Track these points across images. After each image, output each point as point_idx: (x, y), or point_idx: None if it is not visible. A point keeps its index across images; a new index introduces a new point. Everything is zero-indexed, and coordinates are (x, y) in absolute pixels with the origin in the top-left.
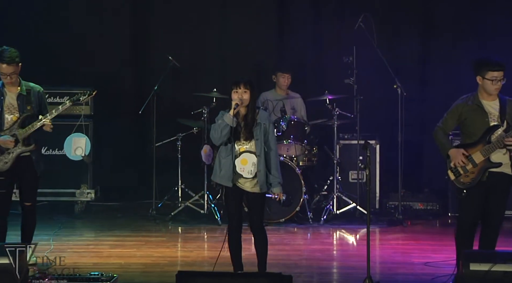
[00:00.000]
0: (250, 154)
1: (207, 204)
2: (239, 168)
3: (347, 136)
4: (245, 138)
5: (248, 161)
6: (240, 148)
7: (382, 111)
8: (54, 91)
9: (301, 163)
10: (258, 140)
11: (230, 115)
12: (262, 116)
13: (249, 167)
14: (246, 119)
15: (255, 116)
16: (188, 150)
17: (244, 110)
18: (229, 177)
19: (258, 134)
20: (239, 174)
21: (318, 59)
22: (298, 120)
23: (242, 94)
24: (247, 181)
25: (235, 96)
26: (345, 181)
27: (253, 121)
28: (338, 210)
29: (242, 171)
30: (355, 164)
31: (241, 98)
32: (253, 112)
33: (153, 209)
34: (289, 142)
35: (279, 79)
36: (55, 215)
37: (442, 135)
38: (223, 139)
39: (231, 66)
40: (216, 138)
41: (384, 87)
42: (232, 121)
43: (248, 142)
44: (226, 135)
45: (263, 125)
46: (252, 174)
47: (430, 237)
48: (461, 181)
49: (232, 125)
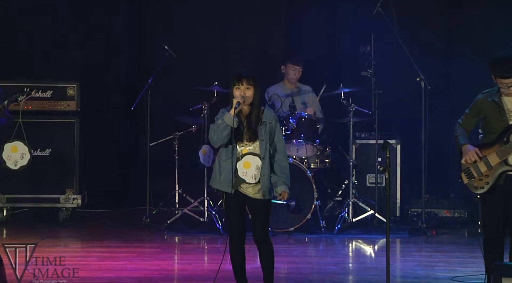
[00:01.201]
0: (253, 156)
1: (207, 211)
2: (241, 172)
3: (364, 135)
4: (248, 139)
5: (252, 164)
6: (243, 149)
7: (404, 107)
8: (37, 84)
9: (312, 166)
10: (263, 141)
11: (231, 114)
12: (267, 114)
13: (253, 171)
14: (249, 118)
15: (259, 115)
16: (186, 150)
17: (247, 108)
18: (229, 182)
19: (263, 135)
20: (241, 179)
21: (332, 49)
22: (309, 117)
23: (245, 91)
24: (250, 186)
25: (237, 92)
26: (362, 186)
27: (258, 120)
28: (354, 218)
29: (244, 176)
30: (373, 166)
31: (243, 96)
32: (257, 110)
33: (147, 216)
34: (299, 141)
35: (289, 71)
36: (36, 224)
37: (460, 131)
38: (223, 141)
39: (234, 57)
40: (215, 140)
41: (406, 80)
42: (233, 121)
43: (251, 143)
44: (226, 137)
45: (269, 124)
46: (255, 179)
47: (457, 248)
48: (474, 185)
49: (233, 126)
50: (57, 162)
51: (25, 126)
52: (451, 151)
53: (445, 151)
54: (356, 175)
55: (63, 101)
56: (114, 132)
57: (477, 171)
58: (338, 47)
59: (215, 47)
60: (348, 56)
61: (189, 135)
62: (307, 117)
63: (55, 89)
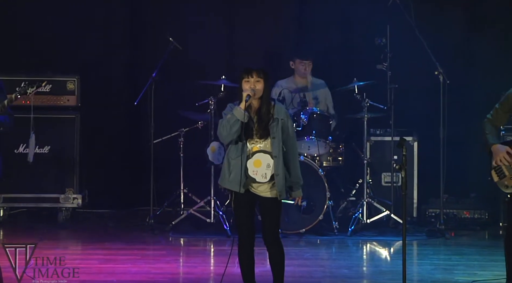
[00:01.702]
0: (264, 154)
1: (214, 211)
2: (252, 170)
3: (379, 132)
4: (259, 135)
5: (262, 162)
6: (253, 147)
7: (421, 102)
8: (35, 78)
9: (325, 164)
10: (275, 139)
11: (241, 108)
12: (279, 110)
13: (263, 170)
14: (259, 114)
15: (270, 110)
16: (191, 148)
17: (256, 103)
18: (239, 181)
19: (275, 132)
20: (251, 178)
21: (345, 41)
22: (321, 112)
23: (255, 84)
24: (260, 185)
25: (247, 86)
26: (377, 185)
27: (268, 116)
28: (369, 219)
29: (255, 175)
30: (389, 164)
31: (253, 89)
32: (267, 105)
33: (150, 217)
34: (310, 139)
35: (298, 66)
36: (35, 224)
37: (489, 128)
38: (232, 137)
39: (242, 50)
40: (224, 136)
41: (424, 73)
42: (244, 115)
43: (262, 140)
44: (236, 133)
45: (281, 120)
46: (266, 178)
47: (478, 251)
48: (505, 184)
49: (243, 120)
50: (57, 160)
51: (23, 122)
52: (471, 148)
53: (464, 148)
54: (371, 174)
55: (62, 96)
56: (116, 129)
57: (509, 169)
58: (351, 39)
59: (222, 39)
60: (363, 49)
61: (194, 132)
62: (319, 112)
63: (54, 83)
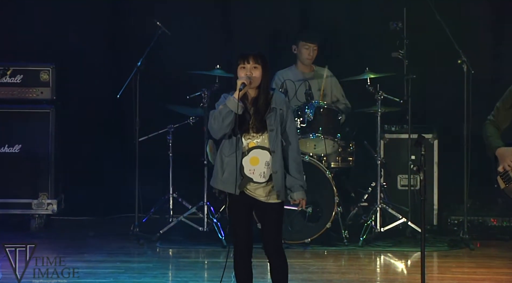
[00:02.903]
0: (262, 150)
1: (207, 219)
2: (248, 169)
3: (394, 128)
4: (255, 129)
5: (260, 160)
6: (249, 142)
7: (442, 95)
8: (2, 67)
9: (333, 165)
10: (273, 131)
11: (235, 98)
12: (277, 99)
13: (261, 168)
14: (256, 104)
15: (268, 100)
16: (182, 146)
17: (253, 92)
18: (234, 182)
19: (272, 124)
20: (248, 178)
21: (356, 26)
22: (329, 106)
23: (251, 71)
24: (259, 187)
25: (242, 73)
26: (392, 189)
27: (266, 107)
28: (383, 227)
29: (251, 174)
30: (406, 165)
31: (249, 76)
32: (265, 94)
33: (135, 225)
34: (317, 136)
35: (302, 50)
36: (3, 234)
37: (492, 130)
38: (225, 131)
39: (239, 37)
40: (216, 129)
41: (445, 62)
42: (238, 106)
43: (259, 134)
44: (229, 126)
45: (279, 110)
46: (265, 178)
47: (506, 263)
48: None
49: (237, 112)
50: (29, 160)
51: None
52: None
53: None
54: (385, 176)
55: (35, 88)
56: (97, 125)
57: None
58: (363, 23)
59: (216, 24)
60: (376, 34)
61: (185, 129)
62: (327, 106)
63: (26, 73)
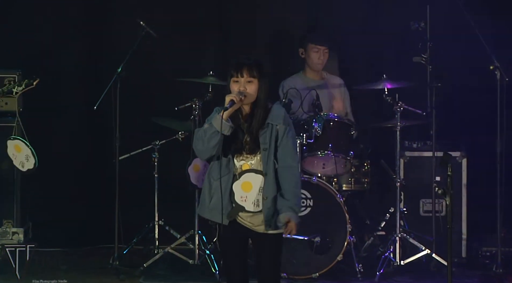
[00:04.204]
0: (256, 174)
1: (198, 250)
2: (240, 196)
3: (416, 145)
4: (249, 149)
5: (253, 185)
6: (242, 165)
7: (472, 106)
8: None
9: (344, 187)
10: (266, 151)
11: (222, 116)
12: (275, 114)
13: (254, 195)
14: (251, 122)
15: (265, 117)
16: (169, 166)
17: (248, 107)
18: (225, 209)
19: (266, 142)
20: (239, 206)
21: (372, 27)
22: (340, 119)
23: (245, 85)
24: (251, 216)
25: (235, 87)
26: (414, 215)
27: (259, 125)
28: (403, 260)
29: (243, 202)
30: (429, 188)
31: (242, 92)
32: (262, 110)
33: (115, 257)
34: (326, 154)
35: (311, 54)
36: None
37: None
38: (211, 153)
39: (237, 39)
40: (200, 151)
41: (475, 68)
42: (223, 126)
43: (253, 156)
44: (215, 147)
45: (275, 127)
46: (258, 206)
47: None
48: None
49: (223, 133)
50: None
51: None
52: None
53: None
54: (406, 201)
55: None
56: (70, 141)
57: None
58: (380, 24)
59: (211, 24)
60: (394, 36)
61: (173, 145)
62: (338, 119)
63: None
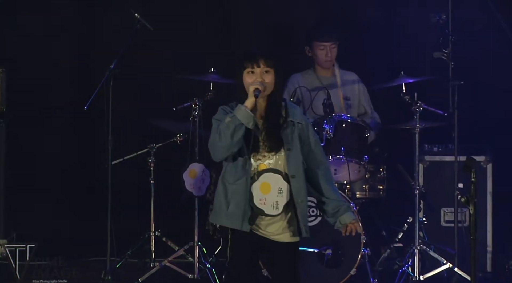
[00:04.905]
0: (274, 174)
1: (198, 263)
2: (259, 198)
3: (437, 149)
4: (268, 148)
5: (272, 186)
6: (259, 164)
7: (498, 106)
8: None
9: (359, 195)
10: (292, 151)
11: (247, 107)
12: (293, 111)
13: (274, 197)
14: (267, 117)
15: (281, 112)
16: (166, 171)
17: (263, 101)
18: (243, 215)
19: (290, 142)
20: (258, 210)
21: (388, 19)
22: (353, 121)
23: (262, 76)
24: (272, 223)
25: (250, 79)
26: (435, 226)
27: (279, 120)
28: (422, 274)
29: (262, 204)
30: (451, 196)
31: (261, 82)
32: (277, 105)
33: (107, 271)
34: (338, 158)
35: (317, 52)
36: None
37: None
38: (232, 150)
39: (240, 34)
40: (220, 148)
41: (501, 65)
42: (247, 118)
43: (272, 154)
44: (238, 143)
45: (298, 125)
46: (278, 209)
47: None
48: None
49: (248, 126)
50: None
51: None
52: None
53: None
54: (425, 210)
55: None
56: (59, 144)
57: None
58: (396, 16)
59: (212, 16)
60: (413, 30)
61: (171, 149)
62: (351, 121)
63: None
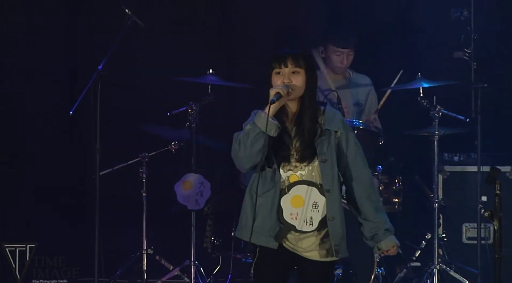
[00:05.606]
0: (308, 186)
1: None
2: (289, 213)
3: (458, 158)
4: (299, 158)
5: (305, 200)
6: (290, 175)
7: None
8: None
9: None
10: (327, 163)
11: (265, 113)
12: (331, 117)
13: (307, 212)
14: (299, 123)
15: (317, 117)
16: (160, 183)
17: (295, 106)
18: (272, 231)
19: (325, 152)
20: (289, 225)
21: (404, 16)
22: (366, 127)
23: (290, 77)
24: (304, 238)
25: (278, 80)
26: (456, 243)
27: (314, 127)
28: None
29: (293, 219)
30: (474, 210)
31: (287, 84)
32: (312, 109)
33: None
34: None
35: (332, 57)
36: None
37: None
38: (255, 160)
39: (244, 31)
40: (241, 158)
41: None
42: (269, 126)
43: (304, 165)
44: (259, 153)
45: (335, 134)
46: (312, 225)
47: None
48: None
49: (270, 134)
50: None
51: None
52: None
53: None
54: (445, 225)
55: None
56: (41, 152)
57: None
58: (414, 12)
59: (211, 13)
60: (431, 27)
61: (165, 158)
62: (363, 127)
63: None
